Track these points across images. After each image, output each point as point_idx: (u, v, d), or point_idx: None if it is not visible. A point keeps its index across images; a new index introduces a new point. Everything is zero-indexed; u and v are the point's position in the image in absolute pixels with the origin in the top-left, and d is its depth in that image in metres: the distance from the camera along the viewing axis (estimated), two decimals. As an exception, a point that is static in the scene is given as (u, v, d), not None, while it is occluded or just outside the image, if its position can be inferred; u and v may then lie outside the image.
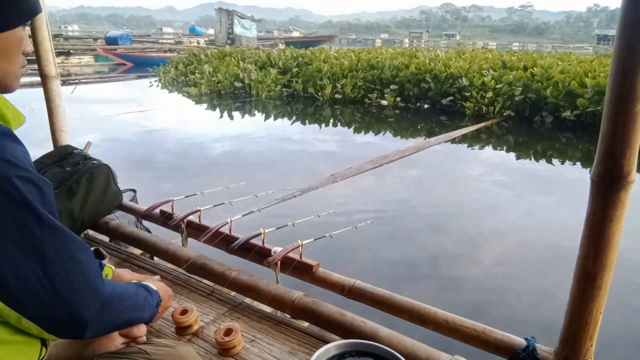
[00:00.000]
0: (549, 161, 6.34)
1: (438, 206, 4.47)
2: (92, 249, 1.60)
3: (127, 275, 1.26)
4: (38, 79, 2.37)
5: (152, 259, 2.04)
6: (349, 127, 8.44)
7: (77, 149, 2.18)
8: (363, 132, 8.12)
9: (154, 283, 1.13)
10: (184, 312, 1.39)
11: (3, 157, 0.69)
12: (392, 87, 10.27)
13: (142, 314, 0.98)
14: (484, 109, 8.81)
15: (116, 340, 1.07)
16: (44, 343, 0.83)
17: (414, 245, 3.61)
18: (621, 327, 2.52)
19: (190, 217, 1.87)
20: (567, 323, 1.05)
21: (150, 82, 13.73)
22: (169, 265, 1.84)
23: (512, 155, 6.66)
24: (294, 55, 12.97)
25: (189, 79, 12.80)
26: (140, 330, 1.10)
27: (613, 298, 1.09)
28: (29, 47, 0.84)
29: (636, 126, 0.86)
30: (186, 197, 1.98)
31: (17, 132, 0.77)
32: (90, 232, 2.14)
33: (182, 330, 1.37)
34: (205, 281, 1.73)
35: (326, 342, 1.34)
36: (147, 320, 1.03)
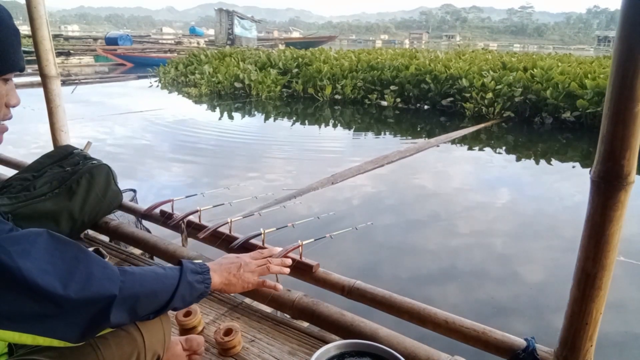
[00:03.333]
0: (549, 162, 6.34)
1: (438, 206, 4.47)
2: (92, 249, 1.60)
3: None
4: (38, 79, 2.37)
5: (152, 259, 2.04)
6: (348, 128, 8.45)
7: (77, 149, 2.18)
8: (363, 132, 8.12)
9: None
10: (188, 313, 1.38)
11: None
12: (392, 88, 10.27)
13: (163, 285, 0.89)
14: (483, 110, 8.81)
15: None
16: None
17: (414, 245, 3.61)
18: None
19: (190, 217, 1.87)
20: (567, 323, 1.05)
21: (150, 83, 13.73)
22: (169, 265, 1.84)
23: (512, 156, 6.66)
24: (294, 55, 12.97)
25: (189, 80, 12.80)
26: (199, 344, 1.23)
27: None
28: (14, 100, 0.85)
29: (636, 127, 0.86)
30: (186, 197, 1.98)
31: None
32: (90, 232, 2.14)
33: (186, 332, 1.37)
34: (205, 281, 1.73)
35: (326, 342, 1.34)
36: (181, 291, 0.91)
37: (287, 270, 1.22)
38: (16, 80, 0.87)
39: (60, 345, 0.76)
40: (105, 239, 2.16)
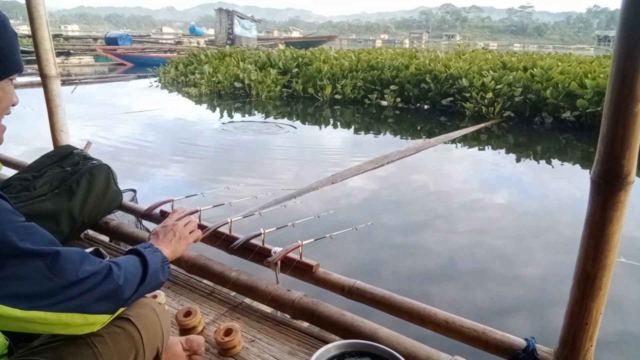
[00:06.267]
0: (549, 162, 6.34)
1: (438, 206, 4.47)
2: (92, 249, 1.60)
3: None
4: (38, 79, 2.37)
5: (152, 259, 2.04)
6: (348, 128, 8.45)
7: (77, 149, 2.18)
8: (363, 132, 8.12)
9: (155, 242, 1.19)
10: (188, 313, 1.38)
11: None
12: (392, 87, 10.26)
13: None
14: (483, 110, 8.81)
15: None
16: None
17: (414, 245, 3.61)
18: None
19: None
20: (567, 323, 1.05)
21: (150, 83, 13.73)
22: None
23: (512, 155, 6.66)
24: (294, 55, 12.96)
25: (188, 79, 12.79)
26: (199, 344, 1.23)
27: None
28: (16, 99, 0.92)
29: (636, 127, 0.86)
30: (186, 197, 1.98)
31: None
32: (90, 232, 2.14)
33: (186, 332, 1.37)
34: (205, 281, 1.73)
35: (326, 342, 1.34)
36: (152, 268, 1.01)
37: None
38: (16, 80, 0.91)
39: (99, 321, 0.84)
40: (105, 239, 2.16)
